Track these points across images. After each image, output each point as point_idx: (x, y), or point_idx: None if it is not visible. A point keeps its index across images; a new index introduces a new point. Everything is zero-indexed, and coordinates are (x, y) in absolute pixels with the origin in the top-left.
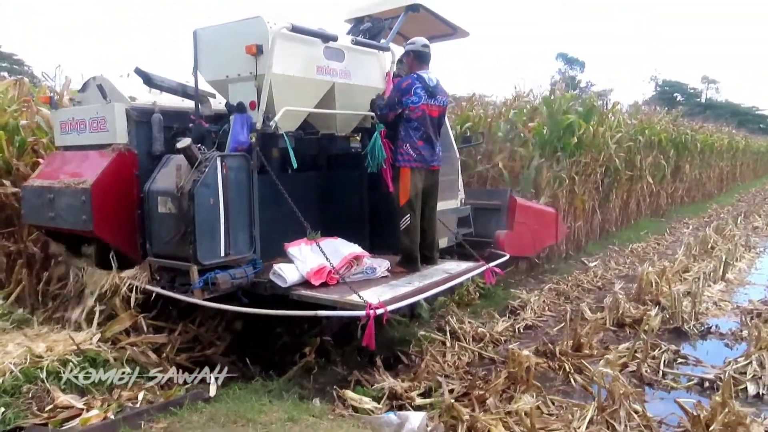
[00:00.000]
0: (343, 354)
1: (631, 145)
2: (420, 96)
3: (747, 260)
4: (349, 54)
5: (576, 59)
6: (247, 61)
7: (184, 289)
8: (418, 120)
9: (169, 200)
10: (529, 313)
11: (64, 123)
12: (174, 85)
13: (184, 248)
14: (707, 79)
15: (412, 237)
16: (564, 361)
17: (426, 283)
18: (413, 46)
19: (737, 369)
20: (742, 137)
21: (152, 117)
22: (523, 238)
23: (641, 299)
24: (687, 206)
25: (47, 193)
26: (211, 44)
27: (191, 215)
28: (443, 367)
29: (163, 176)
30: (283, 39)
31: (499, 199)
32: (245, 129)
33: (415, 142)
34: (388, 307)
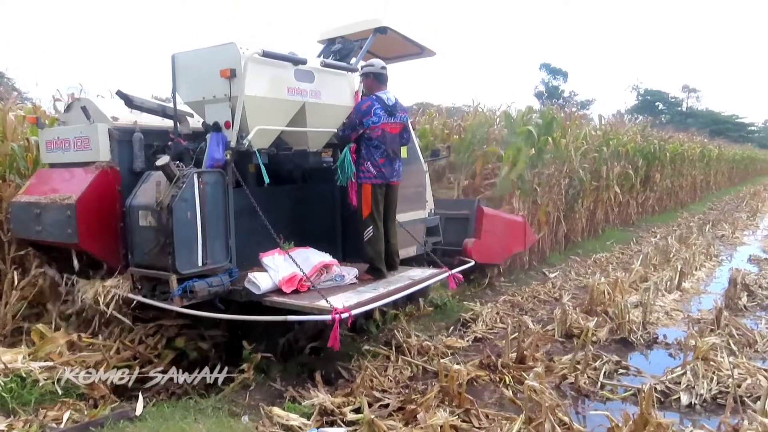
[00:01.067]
0: (284, 369)
1: (596, 156)
2: (380, 116)
3: (707, 269)
4: (319, 75)
5: (559, 69)
6: (222, 84)
7: (164, 297)
8: (378, 139)
9: (149, 214)
10: (480, 326)
11: (50, 142)
12: (154, 105)
13: (163, 258)
14: (688, 88)
15: (376, 247)
16: (505, 373)
17: (390, 289)
18: (372, 68)
19: (672, 379)
20: (716, 146)
21: (133, 136)
22: (491, 246)
23: (592, 310)
24: (658, 215)
25: (34, 208)
26: (189, 67)
27: (170, 228)
28: (383, 381)
29: (143, 192)
30: (254, 63)
31: (467, 208)
32: (221, 147)
33: (376, 160)
34: (352, 311)
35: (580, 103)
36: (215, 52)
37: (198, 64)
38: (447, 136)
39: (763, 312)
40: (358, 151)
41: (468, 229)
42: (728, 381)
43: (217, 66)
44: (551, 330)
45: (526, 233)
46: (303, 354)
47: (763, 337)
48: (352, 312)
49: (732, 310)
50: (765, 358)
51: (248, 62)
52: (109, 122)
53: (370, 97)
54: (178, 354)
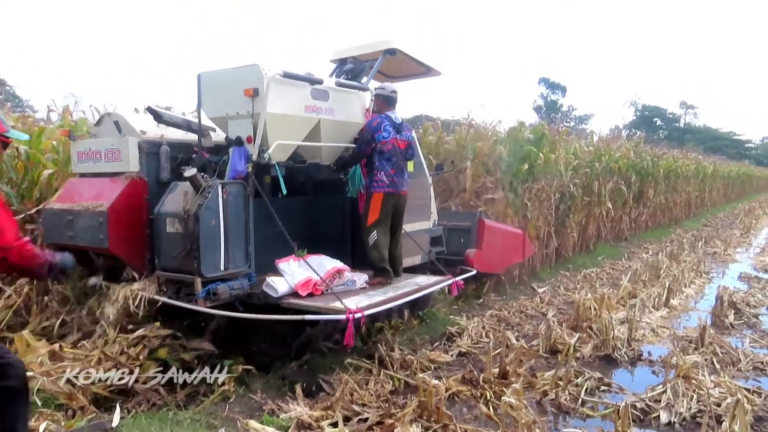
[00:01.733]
0: (266, 382)
1: (587, 171)
2: (389, 132)
3: (697, 286)
4: (333, 94)
5: (558, 84)
6: (245, 102)
7: (189, 299)
8: (390, 152)
9: (176, 221)
10: (465, 340)
11: (81, 153)
12: (179, 120)
13: (189, 263)
14: (686, 105)
15: (381, 252)
16: (486, 389)
17: (399, 293)
18: (383, 92)
19: (653, 397)
20: (710, 162)
21: (160, 148)
22: (491, 257)
23: (578, 326)
24: (651, 231)
25: (67, 215)
26: (214, 86)
27: (196, 234)
28: (364, 395)
29: (170, 201)
30: (276, 83)
31: (469, 220)
32: (243, 160)
33: (389, 171)
34: (365, 312)
35: (578, 118)
36: (239, 73)
37: (222, 82)
38: (445, 151)
39: (749, 330)
40: (371, 163)
41: (470, 239)
42: (708, 400)
43: (241, 85)
44: (536, 345)
45: (525, 245)
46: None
47: (747, 355)
48: (365, 312)
49: (718, 328)
50: (748, 377)
51: (270, 82)
52: (138, 136)
53: (380, 116)
54: (161, 365)
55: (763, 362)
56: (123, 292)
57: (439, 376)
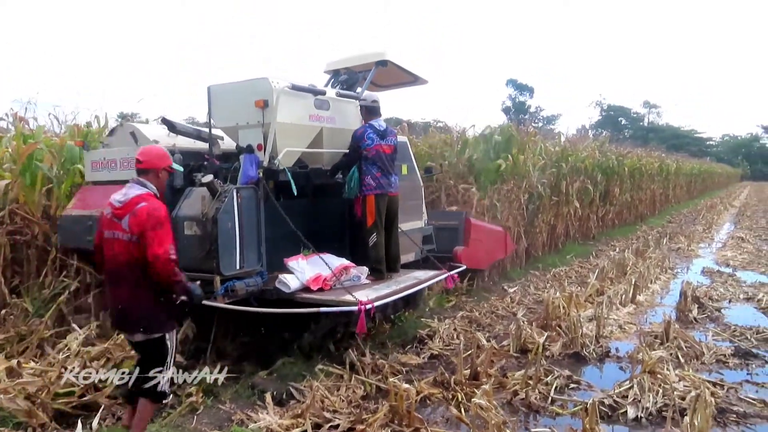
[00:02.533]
0: (236, 391)
1: (554, 171)
2: (372, 139)
3: (662, 282)
4: (334, 103)
5: (525, 85)
6: (255, 112)
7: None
8: (374, 157)
9: (194, 224)
10: (437, 342)
11: (96, 162)
12: (191, 130)
13: (208, 262)
14: (649, 104)
15: (379, 251)
16: (458, 391)
17: (401, 286)
18: (365, 102)
19: (620, 393)
20: (673, 160)
21: (173, 157)
22: (478, 253)
23: (548, 325)
24: (618, 229)
25: (86, 220)
26: (224, 98)
27: (215, 236)
28: (335, 401)
29: (187, 205)
30: (284, 95)
31: (456, 219)
32: (254, 166)
33: (375, 174)
34: (374, 303)
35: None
36: (249, 85)
37: (233, 94)
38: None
39: (712, 324)
40: (359, 169)
41: (457, 237)
42: (673, 394)
43: (251, 97)
44: (507, 345)
45: (506, 242)
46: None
47: (710, 349)
48: (374, 303)
49: (683, 323)
50: (711, 370)
51: (280, 94)
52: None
53: (363, 126)
54: None
55: (725, 355)
56: None
57: (411, 379)
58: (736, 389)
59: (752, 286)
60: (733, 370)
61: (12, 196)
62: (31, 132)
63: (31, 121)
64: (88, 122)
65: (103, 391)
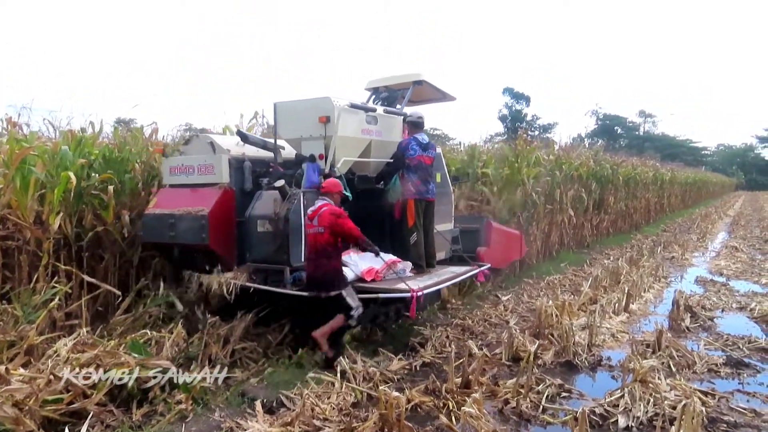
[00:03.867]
0: (226, 399)
1: (549, 180)
2: (415, 150)
3: (655, 290)
4: (381, 119)
5: (522, 94)
6: (318, 126)
7: (276, 285)
8: (416, 166)
9: (266, 222)
10: (429, 350)
11: (174, 168)
12: (259, 141)
13: (279, 255)
14: (644, 113)
15: (419, 248)
16: (449, 399)
17: (442, 278)
18: (411, 118)
19: (611, 402)
20: (668, 169)
21: (244, 164)
22: (497, 253)
23: (540, 333)
24: (612, 237)
25: (168, 218)
26: (289, 113)
27: (286, 232)
28: (325, 409)
29: (260, 206)
30: (344, 112)
31: (478, 223)
32: (316, 173)
33: (415, 182)
34: (424, 291)
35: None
36: (314, 103)
37: (298, 111)
38: None
39: (704, 333)
40: (403, 176)
41: (479, 239)
42: (663, 403)
43: (314, 113)
44: (499, 353)
45: (521, 244)
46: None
47: (702, 358)
48: (424, 291)
49: (675, 332)
50: (702, 379)
51: (341, 112)
52: (226, 153)
53: (408, 138)
54: (116, 385)
55: (716, 364)
56: (216, 280)
57: (402, 387)
58: (727, 399)
59: (745, 296)
60: (725, 380)
61: (4, 201)
62: (24, 137)
63: (25, 127)
64: (83, 128)
65: (91, 399)
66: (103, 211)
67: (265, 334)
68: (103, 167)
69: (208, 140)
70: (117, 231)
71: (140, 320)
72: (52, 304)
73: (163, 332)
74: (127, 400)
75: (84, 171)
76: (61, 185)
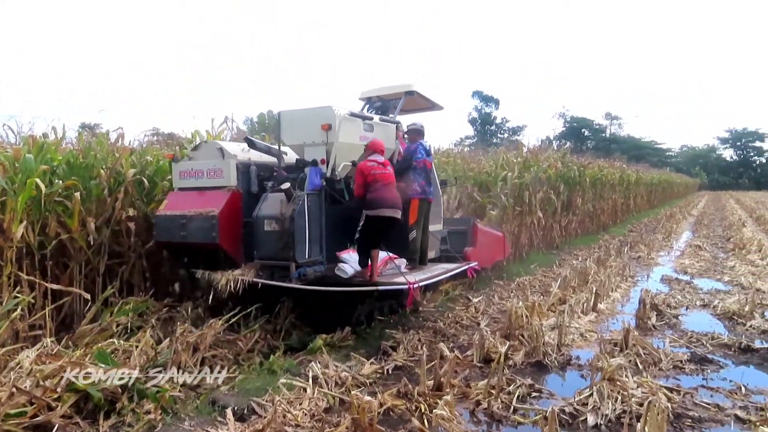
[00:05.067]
0: (196, 407)
1: (517, 182)
2: (422, 154)
3: (623, 290)
4: (376, 126)
5: (491, 97)
6: (320, 133)
7: (282, 280)
8: (422, 169)
9: (273, 222)
10: (401, 353)
11: (184, 172)
12: (263, 147)
13: (286, 252)
14: (611, 116)
15: (417, 245)
16: (421, 402)
17: (435, 273)
18: (414, 126)
19: (580, 400)
20: (634, 171)
21: (250, 168)
22: (483, 253)
23: (511, 334)
24: (581, 238)
25: (179, 219)
26: (292, 121)
27: (292, 231)
28: (297, 415)
29: (266, 207)
30: (345, 120)
31: (465, 225)
32: (318, 177)
33: (421, 182)
34: (420, 283)
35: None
36: (316, 112)
37: (301, 119)
38: None
39: (669, 331)
40: (409, 177)
41: (465, 240)
42: (630, 400)
43: (317, 121)
44: (470, 355)
45: (505, 245)
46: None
47: (668, 355)
48: (420, 284)
49: (641, 330)
50: (668, 376)
51: (342, 120)
52: (234, 158)
53: (416, 143)
54: (81, 397)
55: (681, 361)
56: (225, 276)
57: (374, 391)
58: (692, 394)
59: (708, 293)
60: (689, 376)
61: None
62: None
63: None
64: (45, 133)
65: (56, 411)
66: (67, 219)
67: (235, 340)
68: (67, 173)
69: (217, 146)
70: (82, 239)
71: (108, 330)
72: (15, 315)
73: (131, 341)
74: (93, 412)
75: (47, 177)
76: (26, 192)
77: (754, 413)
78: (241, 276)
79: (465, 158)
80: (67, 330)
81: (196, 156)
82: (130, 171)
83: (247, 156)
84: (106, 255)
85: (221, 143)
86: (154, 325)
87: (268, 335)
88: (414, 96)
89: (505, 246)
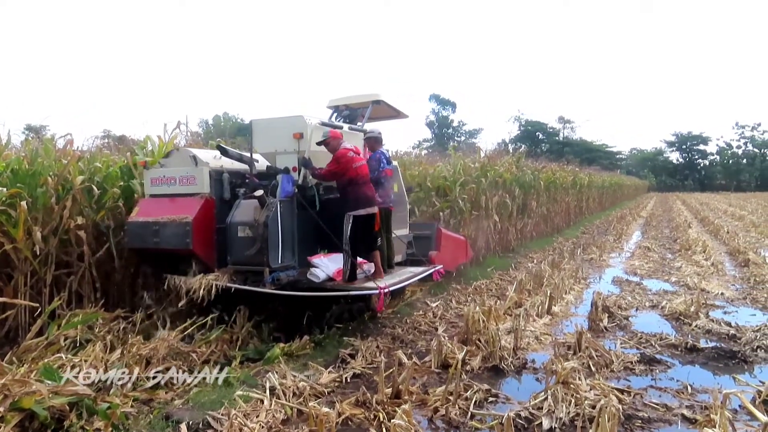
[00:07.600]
0: (149, 423)
1: (474, 186)
2: (384, 164)
3: (576, 292)
4: (346, 135)
5: (448, 100)
6: (291, 142)
7: (255, 284)
8: (383, 177)
9: (246, 228)
10: (359, 361)
11: (155, 179)
12: (236, 155)
13: (259, 258)
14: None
15: (383, 251)
16: (379, 410)
17: (404, 277)
18: (373, 134)
19: (536, 404)
20: (586, 174)
21: (223, 175)
22: (447, 257)
23: (469, 339)
24: (535, 241)
25: (152, 225)
26: (265, 130)
27: (265, 237)
28: (254, 428)
29: (239, 213)
30: (316, 129)
31: (429, 229)
32: (290, 184)
33: (383, 192)
34: (390, 288)
35: (468, 132)
36: (288, 121)
37: (273, 127)
38: None
39: (621, 332)
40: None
41: (429, 244)
42: (584, 403)
43: (289, 130)
44: (428, 361)
45: (467, 249)
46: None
47: (618, 356)
48: (390, 288)
49: (594, 332)
50: (619, 377)
51: (312, 129)
52: (207, 166)
53: (379, 152)
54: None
55: (632, 362)
56: (200, 281)
57: (333, 401)
58: (642, 395)
59: (657, 294)
60: (639, 377)
61: None
62: None
63: None
64: None
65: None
66: (11, 228)
67: (190, 352)
68: (11, 181)
69: (190, 154)
70: (27, 249)
71: (55, 344)
72: None
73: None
74: (39, 431)
75: None
76: None
77: (700, 412)
78: (215, 281)
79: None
80: (11, 344)
81: (168, 163)
82: (79, 178)
83: (219, 163)
84: (54, 265)
85: (194, 150)
86: (104, 337)
87: (224, 345)
88: (380, 105)
89: (468, 250)
